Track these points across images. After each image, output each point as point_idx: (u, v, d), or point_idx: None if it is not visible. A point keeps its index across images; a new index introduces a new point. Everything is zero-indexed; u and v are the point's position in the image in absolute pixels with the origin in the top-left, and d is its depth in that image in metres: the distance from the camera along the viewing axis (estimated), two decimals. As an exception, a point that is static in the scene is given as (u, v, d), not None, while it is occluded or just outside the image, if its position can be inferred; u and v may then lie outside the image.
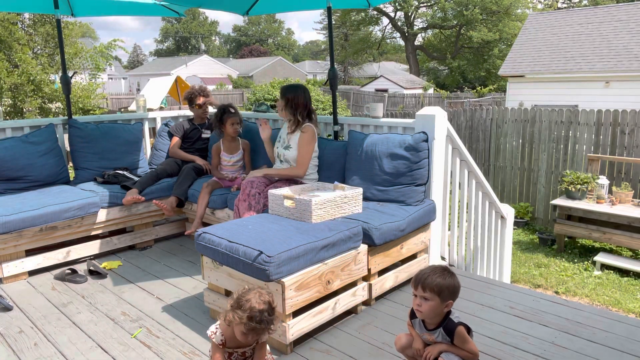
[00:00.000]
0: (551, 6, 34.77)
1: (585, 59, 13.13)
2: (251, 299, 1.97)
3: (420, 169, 3.26)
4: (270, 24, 72.47)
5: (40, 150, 4.01)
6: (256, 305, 1.95)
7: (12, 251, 3.40)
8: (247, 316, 1.93)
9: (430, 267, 2.08)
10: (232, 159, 4.18)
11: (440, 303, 1.99)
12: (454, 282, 2.01)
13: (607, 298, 5.42)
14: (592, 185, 6.61)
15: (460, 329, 2.00)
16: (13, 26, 10.42)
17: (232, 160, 4.18)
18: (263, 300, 1.98)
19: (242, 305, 1.96)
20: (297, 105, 3.54)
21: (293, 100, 3.53)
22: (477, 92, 25.86)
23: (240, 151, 4.22)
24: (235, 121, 4.13)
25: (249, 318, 1.93)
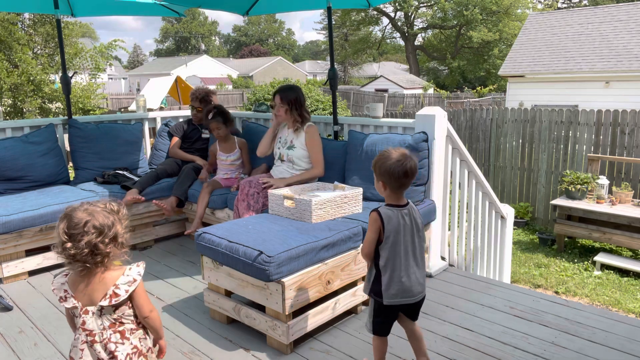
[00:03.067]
0: (551, 6, 34.77)
1: (585, 59, 13.13)
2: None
3: (420, 168, 3.26)
4: (270, 24, 72.47)
5: (40, 150, 4.01)
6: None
7: (12, 251, 3.40)
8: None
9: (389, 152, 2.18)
10: (229, 158, 4.15)
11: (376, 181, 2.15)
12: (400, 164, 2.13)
13: (607, 298, 5.42)
14: (592, 185, 6.61)
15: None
16: (13, 26, 10.42)
17: (230, 160, 4.15)
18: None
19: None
20: (300, 105, 3.56)
21: (296, 101, 3.55)
22: (477, 92, 25.86)
23: (236, 150, 4.19)
24: (216, 126, 4.06)
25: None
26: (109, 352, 1.65)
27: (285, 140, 3.65)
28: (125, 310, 1.70)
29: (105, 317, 1.66)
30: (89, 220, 1.59)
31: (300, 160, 3.58)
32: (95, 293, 1.64)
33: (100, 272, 1.65)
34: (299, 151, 3.56)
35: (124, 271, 1.68)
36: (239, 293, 2.67)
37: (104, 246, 1.60)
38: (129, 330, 1.70)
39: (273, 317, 2.51)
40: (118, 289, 1.64)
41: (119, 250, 1.66)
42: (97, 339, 1.65)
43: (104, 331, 1.66)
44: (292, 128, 3.62)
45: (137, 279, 1.69)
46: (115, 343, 1.66)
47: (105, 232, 1.61)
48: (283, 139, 3.67)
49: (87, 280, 1.65)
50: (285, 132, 3.68)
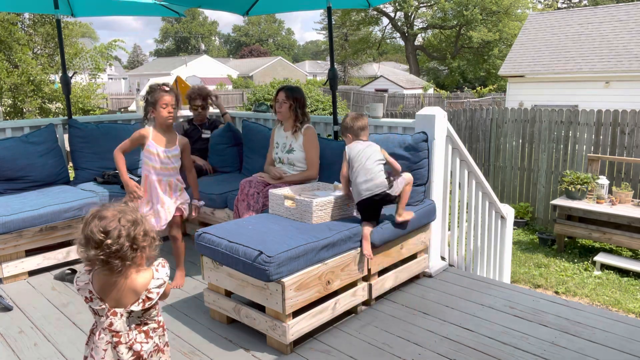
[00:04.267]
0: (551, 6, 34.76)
1: (585, 59, 13.13)
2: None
3: (420, 168, 3.26)
4: (270, 24, 72.47)
5: (40, 150, 4.01)
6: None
7: (12, 251, 3.40)
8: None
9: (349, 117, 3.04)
10: (166, 154, 3.17)
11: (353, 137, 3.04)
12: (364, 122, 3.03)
13: (607, 298, 5.42)
14: (592, 185, 6.61)
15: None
16: (13, 26, 10.41)
17: (166, 156, 3.17)
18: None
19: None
20: (302, 105, 3.59)
21: (300, 101, 3.57)
22: (477, 92, 25.86)
23: (175, 146, 3.21)
24: (170, 102, 3.14)
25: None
26: (133, 352, 1.66)
27: (285, 144, 3.65)
28: (152, 312, 1.71)
29: (132, 319, 1.67)
30: (121, 216, 1.59)
31: (301, 162, 3.59)
32: (125, 295, 1.63)
33: (133, 273, 1.63)
34: (299, 153, 3.57)
35: (152, 274, 1.67)
36: (239, 293, 2.67)
37: (141, 238, 1.59)
38: (152, 330, 1.72)
39: (273, 317, 2.51)
40: (151, 294, 1.64)
41: (150, 246, 1.65)
42: (122, 340, 1.65)
43: (130, 332, 1.67)
44: (290, 130, 3.62)
45: (166, 280, 1.69)
46: (141, 343, 1.68)
47: (139, 224, 1.61)
48: (281, 143, 3.67)
49: (116, 282, 1.62)
50: (282, 136, 3.67)
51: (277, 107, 3.58)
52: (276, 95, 3.60)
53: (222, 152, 4.54)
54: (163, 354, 1.79)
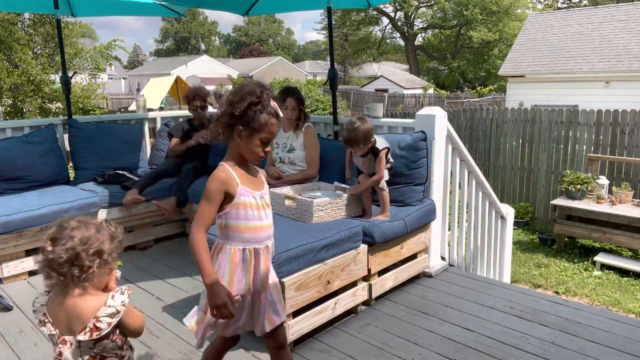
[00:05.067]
0: (551, 6, 34.76)
1: (585, 59, 13.13)
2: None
3: (419, 168, 3.26)
4: (270, 24, 72.45)
5: (40, 150, 4.01)
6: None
7: (12, 251, 3.40)
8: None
9: (348, 125, 2.87)
10: (263, 200, 3.52)
11: (366, 144, 2.89)
12: (368, 126, 2.84)
13: (607, 298, 5.42)
14: (592, 185, 6.60)
15: (382, 153, 2.93)
16: (13, 26, 10.41)
17: (264, 202, 3.50)
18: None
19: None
20: (304, 104, 3.63)
21: (304, 103, 3.62)
22: (477, 92, 25.85)
23: (265, 185, 3.69)
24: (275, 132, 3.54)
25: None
26: None
27: (285, 144, 3.65)
28: (108, 345, 1.49)
29: (84, 350, 1.46)
30: (77, 227, 1.46)
31: (301, 161, 3.59)
32: (73, 321, 1.44)
33: (77, 295, 1.44)
34: (299, 152, 3.58)
35: (106, 300, 1.45)
36: (239, 293, 2.67)
37: (86, 256, 1.42)
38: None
39: (273, 317, 2.51)
40: (99, 322, 1.42)
41: (100, 269, 1.46)
42: None
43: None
44: (290, 129, 3.62)
45: (121, 310, 1.46)
46: None
47: (91, 242, 1.44)
48: (281, 144, 3.67)
49: (63, 304, 1.45)
50: (282, 136, 3.67)
51: (287, 114, 3.55)
52: (283, 100, 3.54)
53: (222, 152, 4.53)
54: None
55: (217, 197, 1.77)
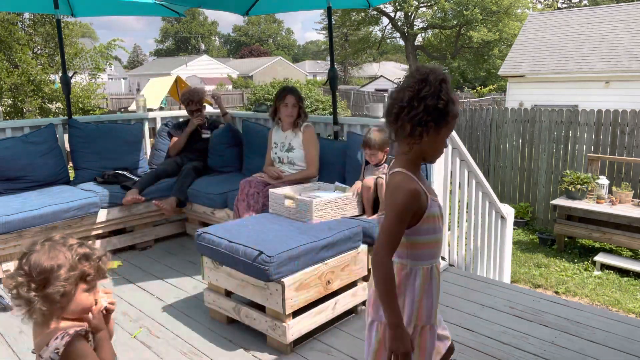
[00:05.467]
0: (551, 6, 34.76)
1: (585, 59, 13.13)
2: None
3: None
4: (270, 24, 72.43)
5: (40, 150, 4.01)
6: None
7: (12, 251, 3.40)
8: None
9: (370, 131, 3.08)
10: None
11: (382, 152, 3.13)
12: (377, 135, 3.07)
13: (607, 298, 5.42)
14: (592, 185, 6.60)
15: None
16: (13, 26, 10.40)
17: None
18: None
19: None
20: (303, 104, 3.64)
21: (302, 99, 3.64)
22: (477, 92, 25.85)
23: None
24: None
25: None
26: None
27: (283, 143, 3.65)
28: None
29: None
30: (29, 253, 1.34)
31: (300, 160, 3.59)
32: (37, 348, 1.39)
33: (36, 324, 1.37)
34: (298, 152, 3.58)
35: (49, 339, 1.34)
36: (239, 293, 2.67)
37: (25, 291, 1.30)
38: None
39: (273, 317, 2.51)
40: (42, 356, 1.34)
41: (46, 306, 1.32)
42: None
43: None
44: (289, 129, 3.62)
45: (60, 349, 1.32)
46: None
47: (33, 276, 1.30)
48: (280, 143, 3.67)
49: (34, 325, 1.40)
50: (281, 136, 3.67)
51: (289, 112, 3.55)
52: (283, 98, 3.54)
53: (222, 152, 4.54)
54: None
55: (410, 213, 1.46)
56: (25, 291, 1.29)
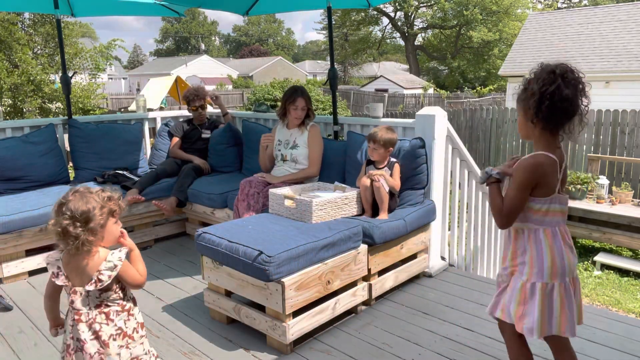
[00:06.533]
0: (551, 6, 34.76)
1: (585, 59, 13.13)
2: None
3: (418, 174, 3.24)
4: (270, 24, 72.44)
5: (40, 150, 4.01)
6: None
7: (12, 251, 3.40)
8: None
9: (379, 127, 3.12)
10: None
11: (385, 150, 3.12)
12: (393, 136, 3.11)
13: (607, 298, 5.42)
14: (592, 185, 6.60)
15: (397, 165, 3.13)
16: (13, 26, 10.40)
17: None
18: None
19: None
20: (311, 105, 3.67)
21: (311, 100, 3.65)
22: (477, 92, 25.85)
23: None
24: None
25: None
26: (93, 332, 1.72)
27: (288, 140, 3.65)
28: (111, 295, 1.76)
29: (91, 299, 1.73)
30: (66, 202, 1.68)
31: (304, 159, 3.60)
32: (82, 276, 1.72)
33: (82, 254, 1.69)
34: (302, 150, 3.58)
35: (106, 257, 1.73)
36: (239, 293, 2.67)
37: (73, 229, 1.64)
38: (114, 312, 1.76)
39: (273, 317, 2.51)
40: (101, 275, 1.70)
41: (92, 237, 1.67)
42: (82, 319, 1.72)
43: (90, 312, 1.73)
44: (295, 127, 3.63)
45: (118, 265, 1.73)
46: (100, 324, 1.73)
47: (77, 217, 1.65)
48: (284, 141, 3.67)
49: (74, 261, 1.72)
50: (286, 134, 3.68)
51: (298, 114, 3.57)
52: (294, 101, 3.55)
53: (222, 152, 4.54)
54: (132, 340, 1.79)
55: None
56: (73, 229, 1.64)
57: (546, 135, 1.79)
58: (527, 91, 1.76)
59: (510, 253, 1.92)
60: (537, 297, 1.80)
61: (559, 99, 1.70)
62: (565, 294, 1.80)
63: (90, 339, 1.72)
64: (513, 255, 1.90)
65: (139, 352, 1.81)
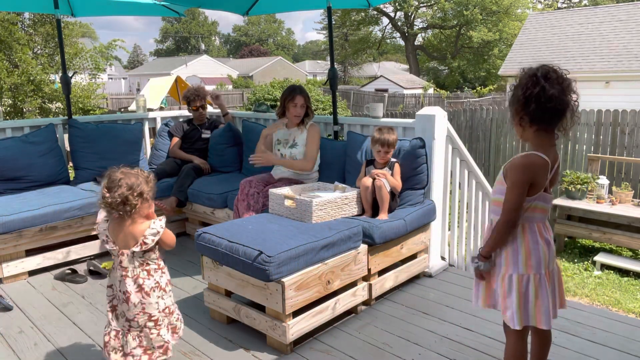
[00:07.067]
0: (551, 6, 34.76)
1: (585, 59, 13.13)
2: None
3: (419, 174, 3.24)
4: (270, 24, 72.44)
5: (40, 150, 4.01)
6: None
7: (12, 251, 3.40)
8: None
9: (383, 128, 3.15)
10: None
11: (389, 149, 3.14)
12: (389, 136, 3.12)
13: (607, 298, 5.42)
14: (592, 185, 6.60)
15: (397, 165, 3.16)
16: (13, 26, 10.41)
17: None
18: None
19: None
20: (310, 103, 3.67)
21: (310, 99, 3.66)
22: (477, 92, 25.85)
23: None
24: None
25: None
26: (137, 285, 2.11)
27: (287, 140, 3.65)
28: (152, 255, 2.17)
29: (136, 258, 2.12)
30: (122, 177, 2.07)
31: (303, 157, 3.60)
32: (128, 240, 2.10)
33: (130, 223, 2.09)
34: (302, 149, 3.59)
35: (150, 224, 2.12)
36: (239, 293, 2.67)
37: (132, 198, 2.04)
38: (153, 270, 2.17)
39: (273, 317, 2.51)
40: (146, 239, 2.10)
41: (144, 204, 2.09)
42: (129, 274, 2.11)
43: (135, 269, 2.12)
44: (294, 126, 3.63)
45: (161, 231, 2.13)
46: (143, 278, 2.13)
47: (134, 188, 2.05)
48: (284, 140, 3.67)
49: (122, 229, 2.10)
50: (285, 133, 3.68)
51: (297, 112, 3.57)
52: (293, 98, 3.55)
53: (222, 152, 4.54)
54: (165, 292, 2.20)
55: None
56: (132, 199, 2.03)
57: (541, 136, 1.84)
58: (514, 97, 1.82)
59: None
60: (515, 288, 1.90)
61: (545, 100, 1.74)
62: (539, 285, 1.89)
63: (135, 291, 2.11)
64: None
65: (169, 303, 2.22)
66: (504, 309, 1.96)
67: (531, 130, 1.83)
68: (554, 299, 1.96)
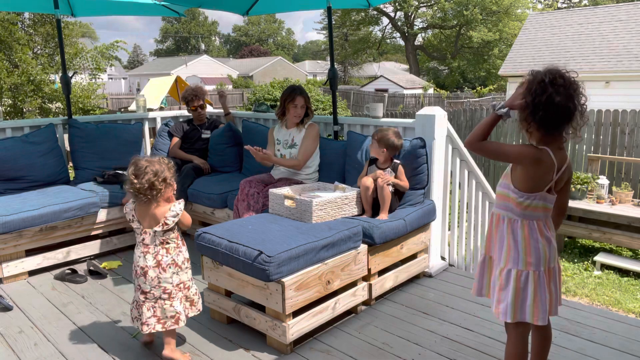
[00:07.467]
0: (551, 6, 34.76)
1: (585, 59, 13.13)
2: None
3: (419, 174, 3.24)
4: (270, 24, 72.43)
5: (40, 150, 4.01)
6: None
7: (12, 251, 3.40)
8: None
9: (388, 129, 3.16)
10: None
11: (389, 153, 3.14)
12: (400, 142, 3.16)
13: (607, 298, 5.42)
14: (592, 185, 6.60)
15: (400, 166, 3.15)
16: (13, 26, 10.40)
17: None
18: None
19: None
20: (310, 103, 3.68)
21: (309, 99, 3.67)
22: (477, 92, 25.85)
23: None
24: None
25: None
26: (156, 261, 2.36)
27: (287, 140, 3.65)
28: (171, 235, 2.40)
29: (157, 237, 2.37)
30: (148, 165, 2.29)
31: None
32: (151, 220, 2.36)
33: (154, 206, 2.34)
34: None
35: (170, 207, 2.36)
36: (239, 293, 2.67)
37: (158, 183, 2.28)
38: (172, 248, 2.40)
39: (273, 317, 2.51)
40: (167, 220, 2.35)
41: (168, 188, 2.34)
42: (150, 251, 2.37)
43: (155, 247, 2.38)
44: (294, 127, 3.63)
45: (180, 213, 2.38)
46: (162, 255, 2.38)
47: (159, 174, 2.29)
48: (283, 140, 3.67)
49: (146, 211, 2.35)
50: (284, 133, 3.68)
51: (297, 113, 3.58)
52: (293, 99, 3.56)
53: (222, 152, 4.54)
54: (181, 269, 2.43)
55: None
56: (158, 184, 2.29)
57: (549, 139, 1.86)
58: (524, 103, 1.84)
59: (492, 240, 2.05)
60: (512, 283, 1.91)
61: (552, 108, 1.77)
62: (538, 282, 1.89)
63: (153, 266, 2.35)
64: (494, 242, 2.03)
65: (184, 278, 2.45)
66: (497, 302, 1.96)
67: (539, 134, 1.85)
68: (555, 296, 1.96)
